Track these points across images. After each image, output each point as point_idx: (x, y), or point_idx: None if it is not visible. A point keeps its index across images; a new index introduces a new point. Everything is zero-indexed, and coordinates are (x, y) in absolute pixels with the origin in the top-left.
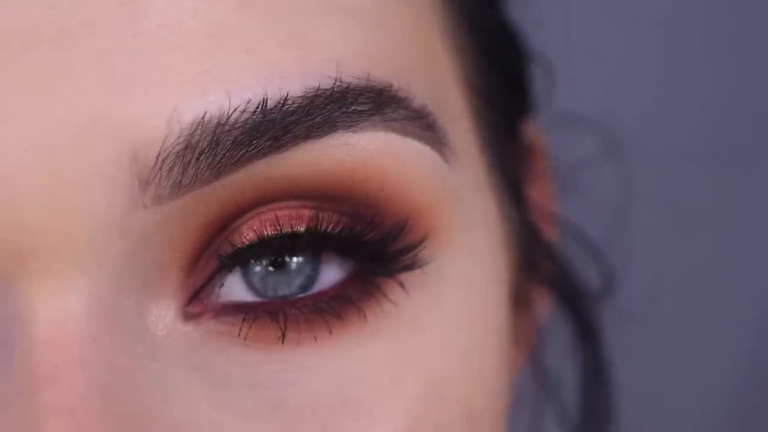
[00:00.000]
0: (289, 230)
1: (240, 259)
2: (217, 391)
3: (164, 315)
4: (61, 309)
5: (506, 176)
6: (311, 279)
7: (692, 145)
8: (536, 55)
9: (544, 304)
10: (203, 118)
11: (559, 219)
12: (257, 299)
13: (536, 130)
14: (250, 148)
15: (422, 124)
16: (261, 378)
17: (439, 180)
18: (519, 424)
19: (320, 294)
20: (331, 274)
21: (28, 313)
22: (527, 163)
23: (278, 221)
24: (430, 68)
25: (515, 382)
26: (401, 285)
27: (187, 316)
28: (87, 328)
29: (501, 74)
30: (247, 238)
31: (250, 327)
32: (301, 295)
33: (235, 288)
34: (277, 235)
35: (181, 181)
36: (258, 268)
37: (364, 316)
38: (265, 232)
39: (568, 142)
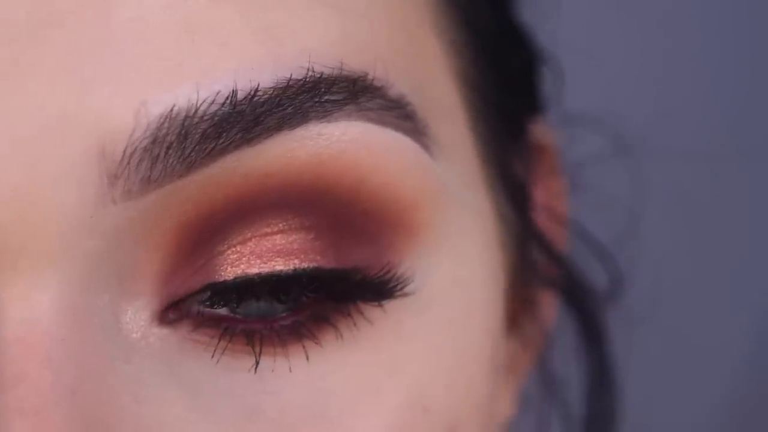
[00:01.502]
0: (271, 270)
1: (222, 297)
2: (191, 397)
3: (139, 316)
4: (29, 308)
5: (505, 174)
6: (295, 301)
7: (702, 145)
8: (545, 54)
9: (552, 308)
10: (171, 111)
11: (568, 219)
12: (237, 315)
13: (545, 130)
14: (220, 140)
15: (400, 114)
16: (237, 386)
17: (422, 173)
18: (526, 427)
19: (297, 313)
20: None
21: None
22: (534, 162)
23: (261, 257)
24: (417, 61)
25: (522, 386)
26: (381, 307)
27: (164, 321)
28: (56, 328)
29: (502, 72)
30: (230, 276)
31: (227, 344)
32: (279, 316)
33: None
34: (262, 279)
35: (150, 175)
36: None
37: (341, 336)
38: (250, 271)
39: (577, 142)
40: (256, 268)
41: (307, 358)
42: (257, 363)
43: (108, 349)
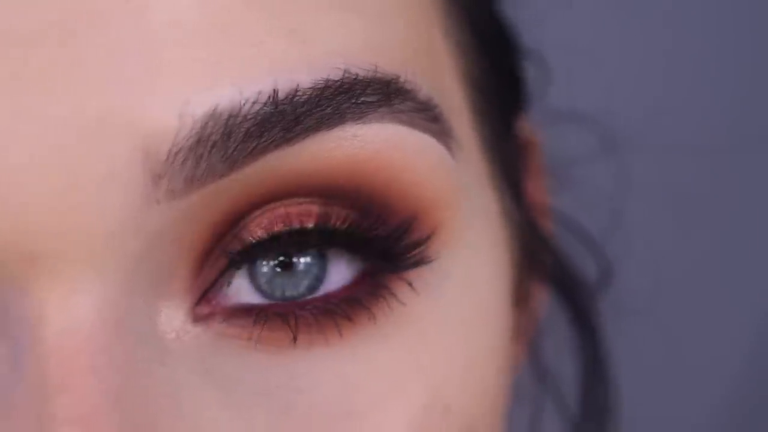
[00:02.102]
0: (298, 226)
1: (249, 255)
2: (227, 396)
3: (174, 316)
4: (70, 314)
5: (506, 172)
6: (319, 280)
7: (689, 140)
8: (530, 51)
9: (542, 299)
10: (215, 110)
11: (556, 214)
12: (266, 301)
13: (530, 126)
14: (262, 139)
15: (429, 117)
16: (271, 384)
17: (446, 174)
18: (519, 420)
19: (330, 296)
20: (338, 276)
21: (38, 317)
22: (523, 158)
23: (287, 217)
24: (431, 62)
25: (515, 379)
26: (410, 284)
27: (197, 318)
28: (98, 335)
29: (499, 71)
30: (256, 234)
31: (261, 330)
32: (309, 297)
33: (242, 290)
34: (286, 232)
35: (194, 175)
36: (265, 269)
37: (374, 317)
38: (275, 229)
39: (565, 138)
40: (281, 226)
41: (341, 335)
42: (295, 338)
43: (145, 352)
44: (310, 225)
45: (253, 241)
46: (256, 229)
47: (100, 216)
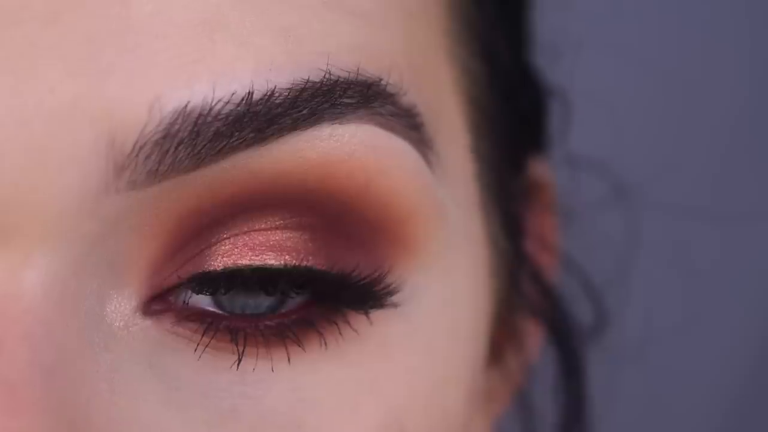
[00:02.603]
0: (263, 263)
1: (210, 285)
2: (168, 393)
3: (124, 306)
4: (14, 284)
5: (502, 203)
6: (281, 302)
7: (700, 202)
8: (555, 93)
9: (535, 340)
10: (185, 107)
11: (560, 256)
12: (220, 311)
13: (545, 168)
14: (232, 139)
15: (409, 123)
16: (216, 386)
17: (422, 185)
18: None
19: (284, 315)
20: (300, 297)
21: None
22: (531, 198)
23: (254, 249)
24: (426, 77)
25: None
26: (367, 317)
27: (148, 312)
28: (40, 307)
29: (512, 105)
30: (219, 266)
31: (209, 340)
32: (264, 316)
33: (202, 299)
34: (252, 270)
35: (157, 169)
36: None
37: (325, 344)
38: (239, 262)
39: (578, 182)
40: (246, 259)
41: (289, 361)
42: (240, 360)
43: (90, 334)
44: (276, 263)
45: (217, 271)
46: (221, 259)
47: (58, 196)
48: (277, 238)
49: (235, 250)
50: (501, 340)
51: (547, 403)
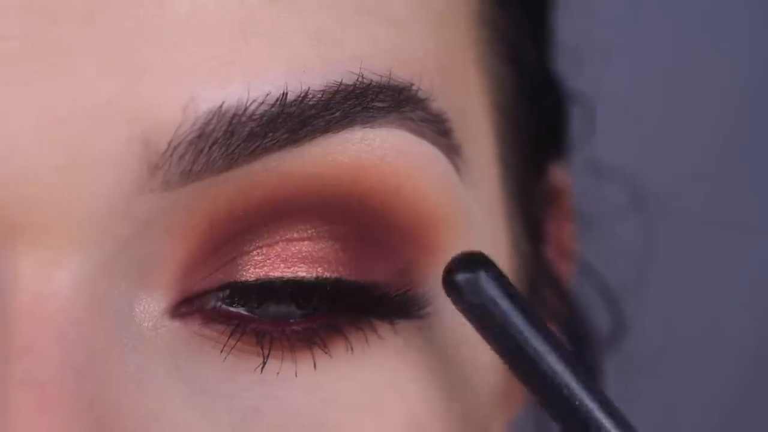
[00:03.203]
0: (294, 275)
1: (242, 297)
2: (193, 394)
3: (153, 307)
4: (46, 283)
5: (525, 208)
6: (314, 309)
7: (721, 210)
8: (577, 101)
9: None
10: (220, 107)
11: (578, 263)
12: (249, 314)
13: (565, 174)
14: (266, 140)
15: (439, 129)
16: (239, 387)
17: (450, 190)
18: None
19: (311, 320)
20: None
21: (12, 283)
22: (549, 203)
23: (286, 261)
24: (455, 82)
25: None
26: (392, 327)
27: (176, 314)
28: (71, 306)
29: (537, 112)
30: (252, 276)
31: (235, 343)
32: (292, 320)
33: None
34: (284, 282)
35: (191, 169)
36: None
37: (351, 349)
38: (272, 274)
39: (599, 190)
40: (279, 271)
41: (315, 366)
42: (264, 363)
43: (119, 335)
44: (308, 276)
45: (247, 284)
46: (253, 270)
47: (91, 197)
48: (310, 249)
49: (268, 261)
50: None
51: None
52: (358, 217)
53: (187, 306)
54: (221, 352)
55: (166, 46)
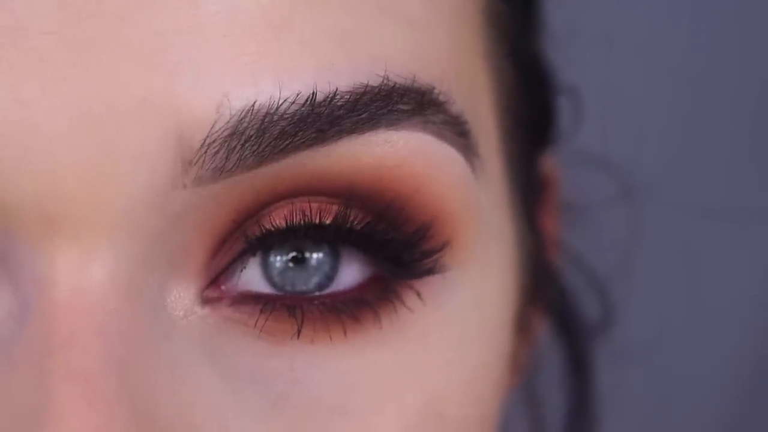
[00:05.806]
0: (316, 221)
1: (265, 243)
2: (224, 380)
3: (184, 296)
4: (84, 276)
5: (525, 200)
6: (329, 278)
7: (708, 200)
8: (567, 90)
9: (540, 328)
10: (253, 106)
11: (568, 251)
12: (275, 292)
13: (553, 163)
14: (296, 138)
15: (457, 131)
16: (269, 372)
17: (466, 190)
18: None
19: (338, 294)
20: (349, 277)
21: (50, 277)
22: (542, 192)
23: (308, 210)
24: (469, 82)
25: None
26: (418, 293)
27: (205, 300)
28: (109, 299)
29: (534, 104)
30: (275, 222)
31: (266, 319)
32: (318, 293)
33: (254, 280)
34: (303, 225)
35: (224, 165)
36: (278, 263)
37: (380, 320)
38: (294, 220)
39: (586, 179)
40: (299, 219)
41: (345, 333)
42: (299, 331)
43: (153, 325)
44: (328, 221)
45: (272, 229)
46: (276, 218)
47: (126, 191)
48: (333, 208)
49: (289, 212)
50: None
51: (554, 399)
52: (378, 212)
53: (215, 289)
54: (251, 332)
55: (198, 43)
